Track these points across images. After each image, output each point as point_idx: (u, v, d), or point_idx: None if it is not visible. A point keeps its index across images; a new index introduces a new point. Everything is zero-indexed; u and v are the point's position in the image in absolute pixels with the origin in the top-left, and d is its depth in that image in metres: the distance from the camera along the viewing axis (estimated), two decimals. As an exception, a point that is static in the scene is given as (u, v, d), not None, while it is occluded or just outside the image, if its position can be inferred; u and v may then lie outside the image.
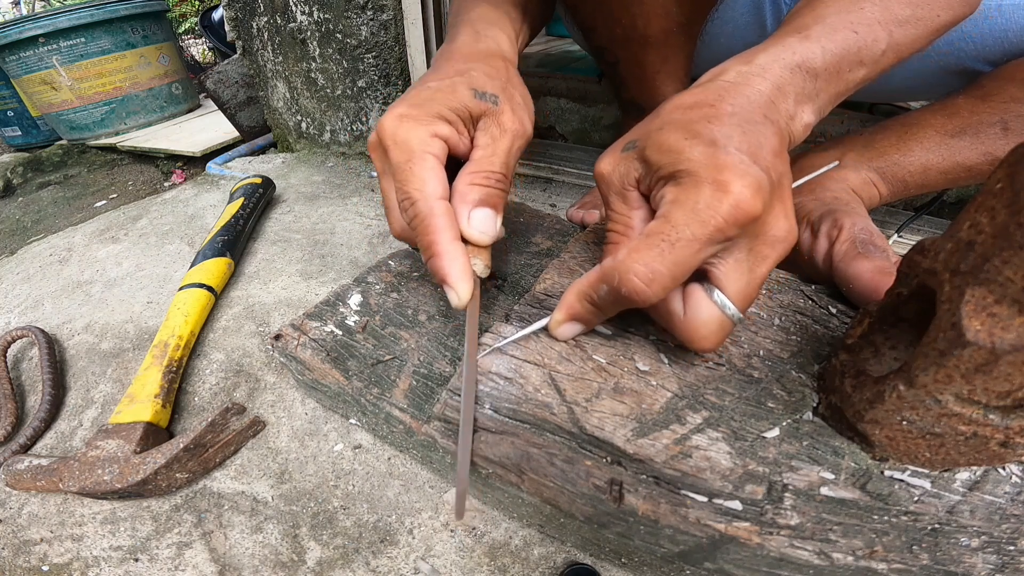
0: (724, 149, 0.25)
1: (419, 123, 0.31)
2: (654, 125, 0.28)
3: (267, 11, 0.89)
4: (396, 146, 0.31)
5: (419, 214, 0.30)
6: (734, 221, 0.24)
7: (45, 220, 1.09)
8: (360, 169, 0.93)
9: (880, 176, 0.47)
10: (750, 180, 0.24)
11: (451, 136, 0.32)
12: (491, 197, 0.32)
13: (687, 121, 0.27)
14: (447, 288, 0.31)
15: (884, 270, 0.36)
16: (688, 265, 0.25)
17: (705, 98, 0.28)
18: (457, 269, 0.30)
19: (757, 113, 0.27)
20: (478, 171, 0.32)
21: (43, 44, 1.30)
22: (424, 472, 0.40)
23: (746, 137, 0.26)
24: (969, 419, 0.23)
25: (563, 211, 0.73)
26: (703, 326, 0.28)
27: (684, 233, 0.25)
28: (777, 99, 0.28)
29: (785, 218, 0.26)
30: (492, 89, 0.34)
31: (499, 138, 0.33)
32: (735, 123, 0.26)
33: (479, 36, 0.39)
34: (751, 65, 0.29)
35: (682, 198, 0.25)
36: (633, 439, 0.29)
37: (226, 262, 0.60)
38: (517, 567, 0.35)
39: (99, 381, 0.51)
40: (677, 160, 0.26)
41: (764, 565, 0.27)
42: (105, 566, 0.37)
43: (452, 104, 0.32)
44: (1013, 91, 0.44)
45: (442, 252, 0.30)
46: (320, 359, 0.39)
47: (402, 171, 0.31)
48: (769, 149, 0.26)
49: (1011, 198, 0.20)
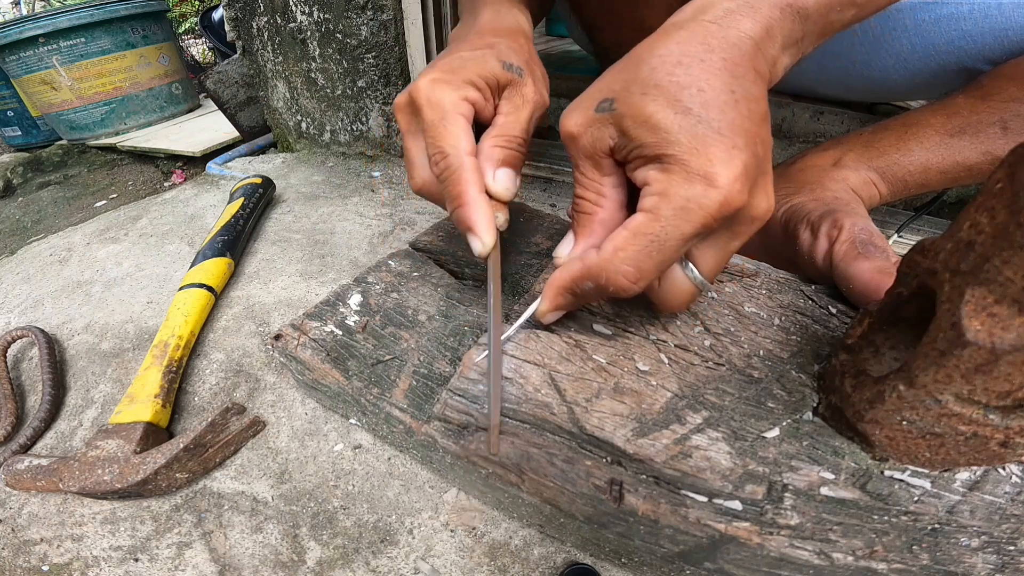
0: (715, 131, 0.24)
1: (451, 86, 0.33)
2: (635, 86, 0.26)
3: (267, 11, 0.89)
4: (430, 105, 0.33)
5: (450, 166, 0.32)
6: (721, 216, 0.24)
7: (45, 220, 1.09)
8: (360, 169, 0.93)
9: (880, 176, 0.47)
10: (738, 170, 0.24)
11: (479, 101, 0.34)
12: (513, 158, 0.34)
13: (675, 87, 0.25)
14: (471, 236, 0.33)
15: (884, 270, 0.36)
16: (674, 259, 0.26)
17: (692, 48, 0.26)
18: (484, 218, 0.32)
19: (746, 66, 0.26)
20: (502, 135, 0.34)
21: (43, 44, 1.30)
22: (424, 472, 0.40)
23: (736, 109, 0.25)
24: (969, 419, 0.23)
25: (563, 211, 0.73)
26: (676, 296, 0.29)
27: (673, 233, 0.25)
28: (764, 44, 0.27)
29: (765, 196, 0.26)
30: (517, 62, 0.36)
31: (521, 107, 0.35)
32: (726, 88, 0.25)
33: (501, 15, 0.41)
34: (738, 1, 0.27)
35: (671, 192, 0.25)
36: (633, 439, 0.29)
37: (226, 262, 0.60)
38: (517, 567, 0.35)
39: (99, 381, 0.51)
40: (664, 142, 0.25)
41: (764, 565, 0.27)
42: (105, 566, 0.37)
43: (482, 72, 0.34)
44: (1013, 90, 0.44)
45: (470, 201, 0.32)
46: (320, 359, 0.39)
47: (435, 128, 0.33)
48: (759, 115, 0.25)
49: (1011, 198, 0.20)
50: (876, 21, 0.53)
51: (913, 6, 0.50)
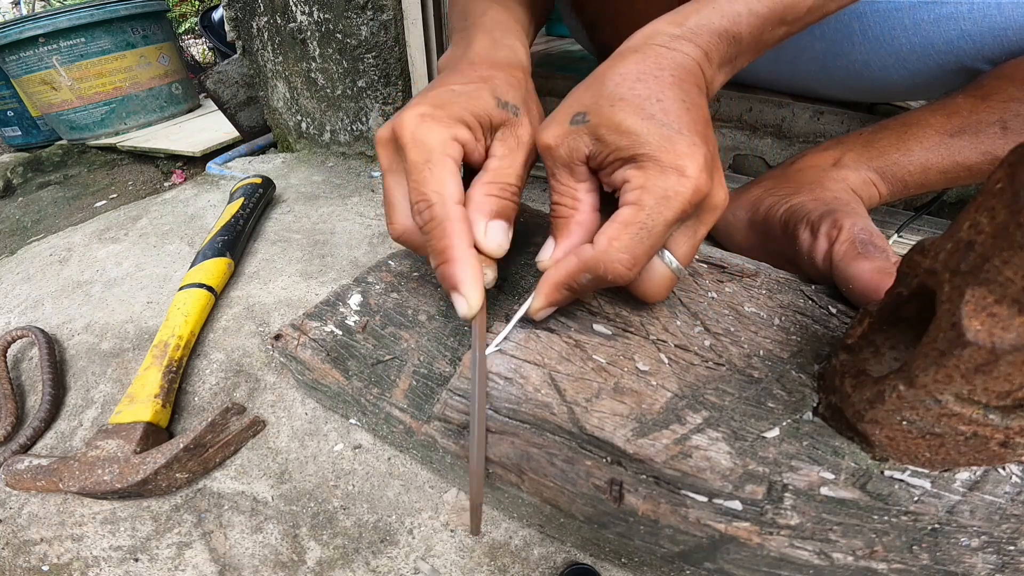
0: (677, 132, 0.27)
1: (440, 124, 0.30)
2: (604, 100, 0.29)
3: (267, 11, 0.89)
4: (415, 145, 0.30)
5: (435, 217, 0.29)
6: (695, 202, 0.27)
7: (45, 220, 1.09)
8: (360, 169, 0.93)
9: (880, 176, 0.47)
10: (700, 161, 0.27)
11: (469, 142, 0.32)
12: (506, 209, 0.32)
13: (638, 99, 0.28)
14: (456, 296, 0.30)
15: (884, 270, 0.36)
16: (660, 244, 0.28)
17: (647, 68, 0.29)
18: (471, 277, 0.30)
19: (692, 83, 0.29)
20: (494, 182, 0.32)
21: (43, 44, 1.30)
22: (424, 472, 0.40)
23: (689, 114, 0.28)
24: (969, 419, 0.23)
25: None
26: (658, 284, 0.32)
27: (658, 219, 0.27)
28: (704, 66, 0.30)
29: (721, 187, 0.29)
30: (513, 100, 0.33)
31: (516, 150, 0.33)
32: (679, 98, 0.28)
33: (497, 44, 0.38)
34: (682, 28, 0.30)
35: (650, 184, 0.27)
36: (633, 439, 0.29)
37: (226, 262, 0.60)
38: (517, 567, 0.35)
39: (99, 381, 0.51)
40: (636, 143, 0.27)
41: (764, 565, 0.27)
42: (105, 566, 0.37)
43: (475, 109, 0.32)
44: (1012, 90, 0.44)
45: (457, 258, 0.29)
46: (320, 359, 0.39)
47: (420, 171, 0.30)
48: (705, 121, 0.29)
49: (1011, 198, 0.20)
50: (876, 21, 0.53)
51: (913, 5, 0.50)
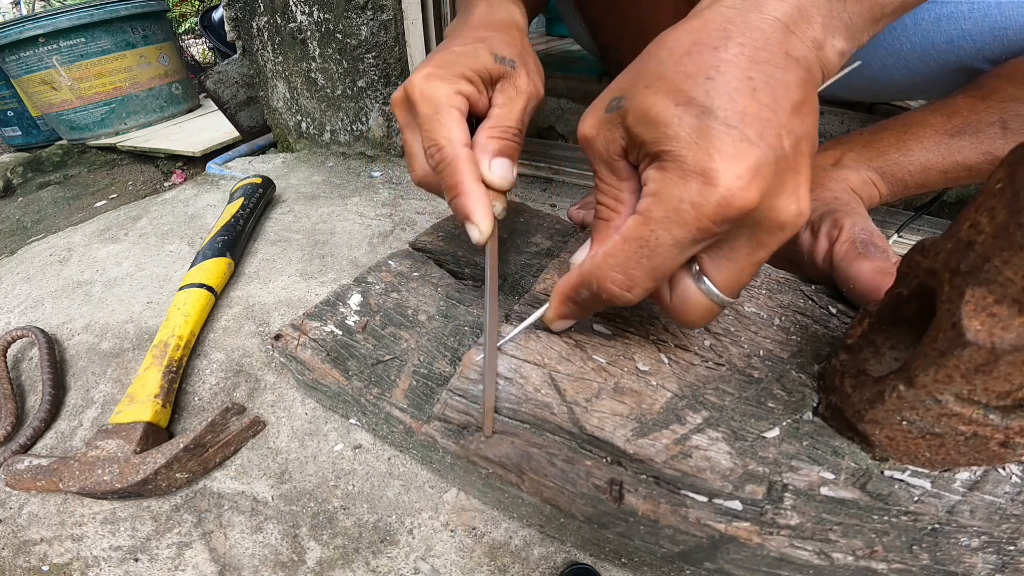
0: (722, 123, 0.21)
1: (445, 81, 0.33)
2: (642, 79, 0.24)
3: (267, 11, 0.89)
4: (424, 100, 0.33)
5: (446, 158, 0.33)
6: (722, 219, 0.21)
7: (45, 220, 1.09)
8: (360, 169, 0.93)
9: (880, 176, 0.47)
10: (746, 165, 0.21)
11: (472, 94, 0.35)
12: (508, 148, 0.35)
13: (680, 76, 0.22)
14: (469, 225, 0.33)
15: (884, 270, 0.36)
16: (669, 268, 0.24)
17: (705, 36, 0.23)
18: (481, 207, 0.33)
19: (774, 50, 0.22)
20: (496, 126, 0.35)
21: (43, 44, 1.30)
22: (424, 472, 0.40)
23: (754, 95, 0.21)
24: (969, 419, 0.23)
25: (563, 211, 0.73)
26: (691, 312, 0.27)
27: (664, 238, 0.23)
28: (799, 25, 0.23)
29: (795, 199, 0.22)
30: (510, 55, 0.36)
31: (515, 98, 0.36)
32: (741, 75, 0.22)
33: (494, 8, 0.41)
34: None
35: (663, 192, 0.22)
36: (633, 439, 0.29)
37: (226, 262, 0.60)
38: (517, 567, 0.35)
39: (99, 381, 0.51)
40: (661, 137, 0.22)
41: (764, 565, 0.27)
42: (105, 566, 0.37)
43: (475, 66, 0.34)
44: (1012, 90, 0.44)
45: (467, 191, 0.32)
46: (320, 359, 0.39)
47: (430, 121, 0.33)
48: (787, 104, 0.22)
49: (1011, 198, 0.20)
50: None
51: (913, 5, 0.50)
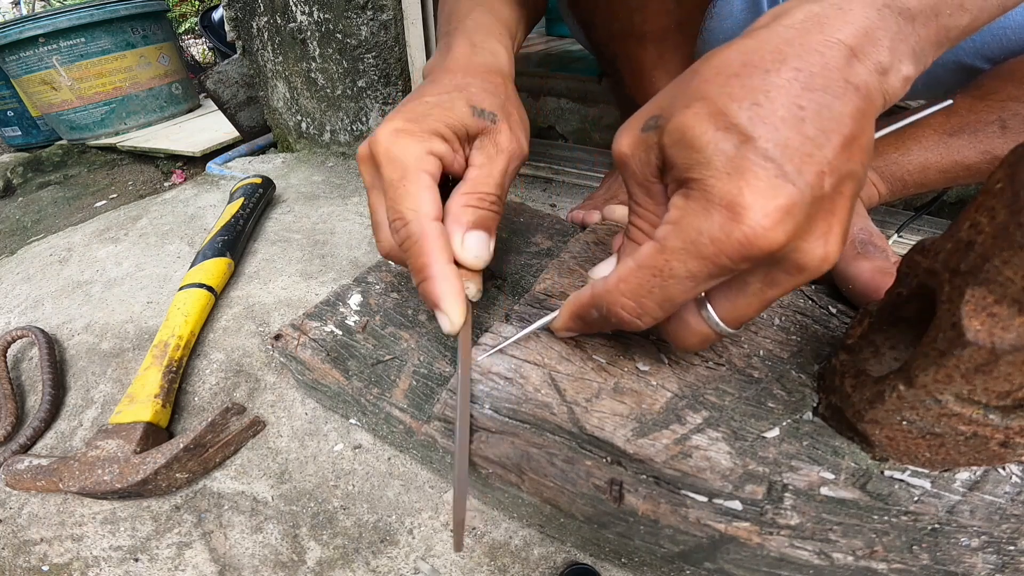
0: (762, 155, 0.19)
1: (415, 139, 0.30)
2: (683, 98, 0.22)
3: (267, 11, 0.89)
4: (390, 162, 0.30)
5: (411, 235, 0.29)
6: (742, 257, 0.20)
7: (45, 220, 1.09)
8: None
9: (879, 175, 0.47)
10: (776, 204, 0.19)
11: (446, 154, 0.31)
12: (485, 219, 0.31)
13: (725, 98, 0.20)
14: (439, 314, 0.30)
15: (884, 270, 0.36)
16: (681, 300, 0.23)
17: (759, 56, 0.21)
18: (451, 293, 0.29)
19: (833, 76, 0.20)
20: (473, 192, 0.31)
21: (43, 44, 1.30)
22: (424, 472, 0.40)
23: (801, 126, 0.19)
24: (969, 419, 0.23)
25: (563, 211, 0.73)
26: (688, 337, 0.26)
27: (679, 269, 0.21)
28: (864, 49, 0.21)
29: (823, 243, 0.21)
30: (490, 107, 0.32)
31: (495, 158, 0.32)
32: (792, 101, 0.20)
33: (476, 48, 0.37)
34: (824, 4, 0.21)
35: (684, 222, 0.21)
36: (633, 439, 0.29)
37: (226, 262, 0.60)
38: (517, 567, 0.35)
39: (99, 381, 0.51)
40: (693, 163, 0.21)
41: (764, 565, 0.27)
42: (105, 566, 0.37)
43: (449, 120, 0.31)
44: (1011, 90, 0.44)
45: (435, 275, 0.29)
46: (320, 359, 0.39)
47: (395, 189, 0.30)
48: (837, 139, 0.20)
49: (1011, 198, 0.20)
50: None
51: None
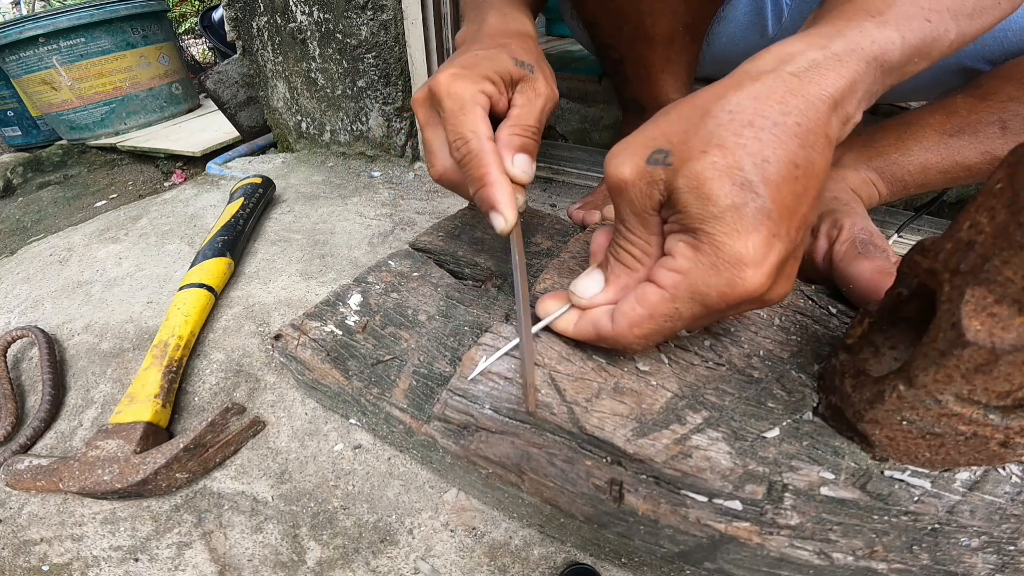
0: (764, 215, 0.22)
1: (470, 80, 0.35)
2: (697, 141, 0.24)
3: (267, 11, 0.89)
4: (450, 96, 0.35)
5: (472, 151, 0.35)
6: (738, 304, 0.24)
7: (45, 220, 1.09)
8: (360, 169, 0.93)
9: (879, 175, 0.47)
10: (772, 262, 0.23)
11: (494, 95, 0.36)
12: (528, 145, 0.37)
13: (741, 150, 0.23)
14: (495, 214, 0.35)
15: (884, 270, 0.36)
16: (677, 332, 0.27)
17: (768, 108, 0.23)
18: (506, 196, 0.34)
19: (819, 132, 0.23)
20: (517, 124, 0.37)
21: (43, 44, 1.30)
22: (424, 472, 0.40)
23: (794, 185, 0.23)
24: (969, 419, 0.23)
25: (563, 211, 0.73)
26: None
27: (685, 312, 0.25)
28: (843, 102, 0.24)
29: (786, 281, 0.25)
30: (528, 60, 0.38)
31: (534, 100, 0.38)
32: (790, 161, 0.23)
33: (507, 17, 0.44)
34: (825, 52, 0.24)
35: (693, 275, 0.24)
36: (633, 439, 0.29)
37: (226, 262, 0.60)
38: (517, 567, 0.35)
39: (99, 381, 0.51)
40: (708, 216, 0.23)
41: (764, 565, 0.27)
42: (105, 566, 0.37)
43: (497, 68, 0.36)
44: (1011, 90, 0.44)
45: (493, 182, 0.34)
46: (320, 359, 0.39)
47: (456, 117, 0.35)
48: (813, 194, 0.24)
49: (1011, 198, 0.20)
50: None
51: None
